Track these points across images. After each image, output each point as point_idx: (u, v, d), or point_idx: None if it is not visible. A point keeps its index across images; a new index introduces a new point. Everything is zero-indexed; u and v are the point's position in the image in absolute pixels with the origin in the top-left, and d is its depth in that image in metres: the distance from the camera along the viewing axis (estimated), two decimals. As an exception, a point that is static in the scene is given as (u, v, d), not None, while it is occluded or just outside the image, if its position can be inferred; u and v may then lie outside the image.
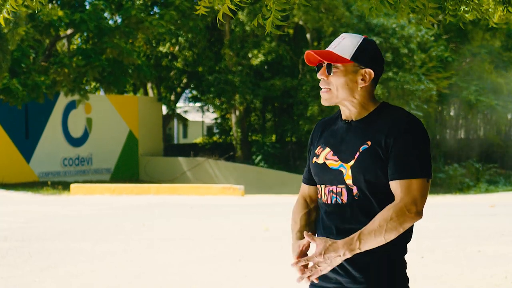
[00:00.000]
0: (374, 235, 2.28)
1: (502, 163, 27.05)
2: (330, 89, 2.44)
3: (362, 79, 2.44)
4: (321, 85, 2.47)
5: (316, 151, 2.53)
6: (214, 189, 15.83)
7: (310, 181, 2.62)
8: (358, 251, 2.30)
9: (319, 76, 2.46)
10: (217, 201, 14.18)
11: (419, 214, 2.31)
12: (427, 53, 24.06)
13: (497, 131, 29.63)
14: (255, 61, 23.35)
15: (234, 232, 9.46)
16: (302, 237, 2.51)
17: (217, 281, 6.45)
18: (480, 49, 25.92)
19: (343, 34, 2.48)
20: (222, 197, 15.06)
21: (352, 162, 2.40)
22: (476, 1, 3.88)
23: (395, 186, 2.34)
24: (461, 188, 21.93)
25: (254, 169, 23.27)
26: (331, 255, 2.30)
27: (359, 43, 2.43)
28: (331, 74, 2.43)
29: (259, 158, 24.46)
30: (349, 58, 2.41)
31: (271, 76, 24.07)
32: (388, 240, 2.32)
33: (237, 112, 25.06)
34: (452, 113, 30.49)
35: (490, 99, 25.45)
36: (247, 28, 22.90)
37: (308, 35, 24.39)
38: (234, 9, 3.33)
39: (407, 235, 2.43)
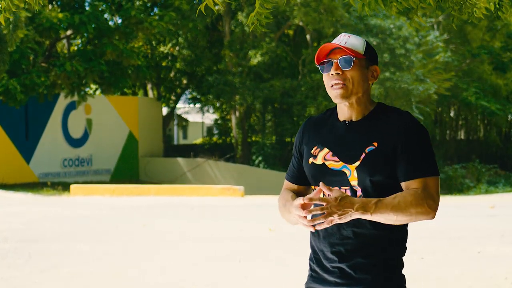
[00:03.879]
0: (390, 210, 2.26)
1: (502, 164, 27.05)
2: (345, 84, 2.40)
3: (371, 75, 2.45)
4: (334, 80, 2.41)
5: (312, 151, 2.48)
6: (214, 190, 15.82)
7: (298, 180, 2.57)
8: (369, 216, 2.26)
9: (332, 71, 2.40)
10: (217, 202, 14.18)
11: (434, 212, 2.31)
12: (432, 58, 24.08)
13: (497, 132, 29.64)
14: (254, 62, 23.33)
15: (234, 233, 9.46)
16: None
17: (217, 282, 6.44)
18: (479, 50, 25.92)
19: (345, 33, 2.48)
20: (222, 198, 15.06)
21: (357, 163, 2.36)
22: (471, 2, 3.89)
23: (412, 185, 2.33)
24: (461, 189, 21.94)
25: (254, 170, 23.26)
26: (346, 205, 2.24)
27: (365, 41, 2.46)
28: (350, 67, 2.39)
29: (259, 159, 24.45)
30: (362, 53, 2.42)
31: (271, 77, 24.07)
32: (398, 223, 2.31)
33: (237, 113, 25.07)
34: (452, 114, 30.51)
35: (490, 100, 25.46)
36: (247, 29, 22.90)
37: (307, 36, 24.40)
38: (220, 4, 3.29)
39: (404, 235, 2.44)
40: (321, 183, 2.28)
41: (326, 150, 2.44)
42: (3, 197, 15.95)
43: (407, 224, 2.43)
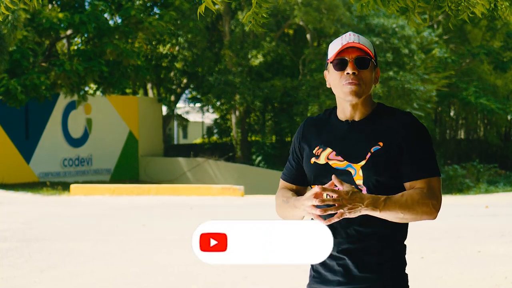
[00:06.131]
0: (398, 207, 2.29)
1: (502, 164, 27.05)
2: (359, 84, 2.40)
3: (375, 77, 2.49)
4: (349, 79, 2.40)
5: (314, 151, 2.48)
6: (214, 189, 15.82)
7: (296, 180, 2.56)
8: (378, 212, 2.28)
9: (349, 70, 2.39)
10: (217, 202, 14.18)
11: (437, 212, 2.35)
12: (429, 53, 24.06)
13: (497, 132, 29.64)
14: (255, 62, 23.31)
15: (234, 233, 9.44)
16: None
17: (217, 281, 6.44)
18: (479, 49, 25.92)
19: (353, 33, 2.48)
20: (222, 198, 15.06)
21: (363, 163, 2.38)
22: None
23: (416, 185, 2.37)
24: (461, 188, 21.92)
25: (254, 170, 23.26)
26: (356, 199, 2.25)
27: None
28: (367, 68, 2.42)
29: (259, 158, 24.46)
30: (373, 55, 2.46)
31: (271, 76, 24.07)
32: (403, 221, 2.34)
33: (237, 113, 25.07)
34: (452, 114, 30.52)
35: (489, 100, 25.45)
36: (247, 28, 22.88)
37: (308, 35, 24.40)
38: (219, 3, 3.27)
39: (405, 234, 2.47)
40: (333, 176, 2.29)
41: (329, 149, 2.45)
42: (3, 196, 15.95)
43: (407, 224, 2.45)
